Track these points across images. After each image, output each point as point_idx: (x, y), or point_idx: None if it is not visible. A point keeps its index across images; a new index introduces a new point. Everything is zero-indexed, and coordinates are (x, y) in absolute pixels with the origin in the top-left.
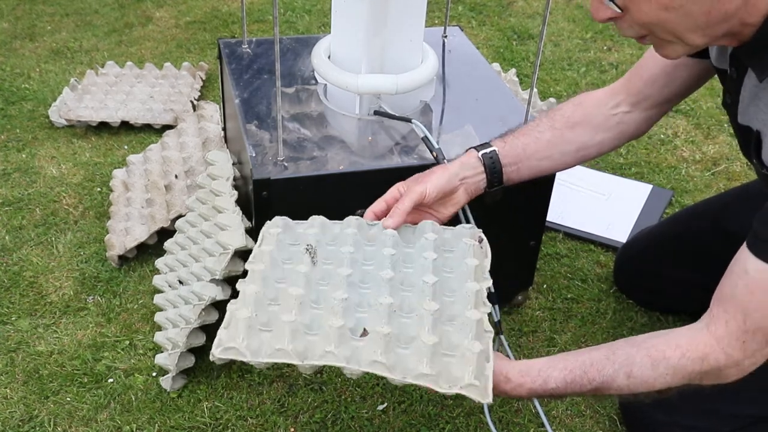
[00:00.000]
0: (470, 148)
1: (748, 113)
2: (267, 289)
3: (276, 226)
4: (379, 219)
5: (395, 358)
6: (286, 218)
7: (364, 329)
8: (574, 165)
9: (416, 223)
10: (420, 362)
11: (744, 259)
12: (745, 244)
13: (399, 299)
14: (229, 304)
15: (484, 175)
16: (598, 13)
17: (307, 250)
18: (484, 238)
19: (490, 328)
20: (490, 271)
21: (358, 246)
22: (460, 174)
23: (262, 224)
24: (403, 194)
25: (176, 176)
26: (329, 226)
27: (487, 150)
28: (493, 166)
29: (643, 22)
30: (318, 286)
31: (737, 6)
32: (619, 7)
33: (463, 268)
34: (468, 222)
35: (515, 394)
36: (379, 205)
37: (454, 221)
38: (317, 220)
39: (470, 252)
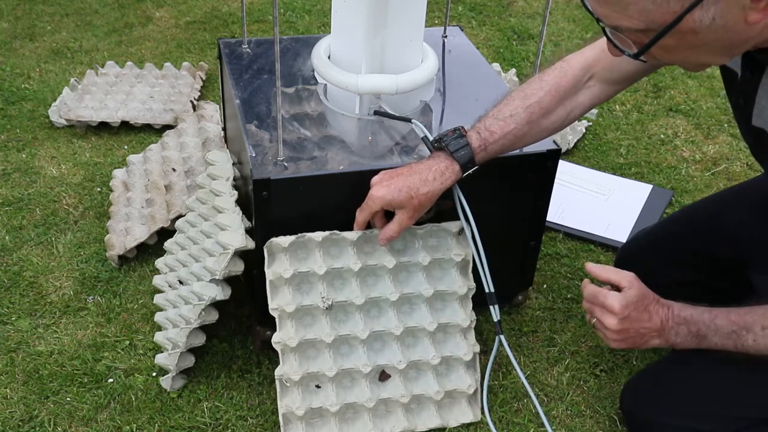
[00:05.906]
0: (453, 160)
1: (765, 116)
2: (305, 368)
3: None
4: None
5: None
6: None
7: (383, 371)
8: None
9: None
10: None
11: None
12: None
13: (404, 319)
14: (280, 399)
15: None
16: (612, 52)
17: (323, 302)
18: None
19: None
20: (491, 271)
21: (361, 277)
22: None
23: (262, 224)
24: (394, 222)
25: (173, 169)
26: (330, 253)
27: (471, 171)
28: (466, 178)
29: (667, 62)
30: (338, 326)
31: (760, 29)
32: (641, 57)
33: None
34: (465, 214)
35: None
36: (363, 218)
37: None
38: (318, 255)
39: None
